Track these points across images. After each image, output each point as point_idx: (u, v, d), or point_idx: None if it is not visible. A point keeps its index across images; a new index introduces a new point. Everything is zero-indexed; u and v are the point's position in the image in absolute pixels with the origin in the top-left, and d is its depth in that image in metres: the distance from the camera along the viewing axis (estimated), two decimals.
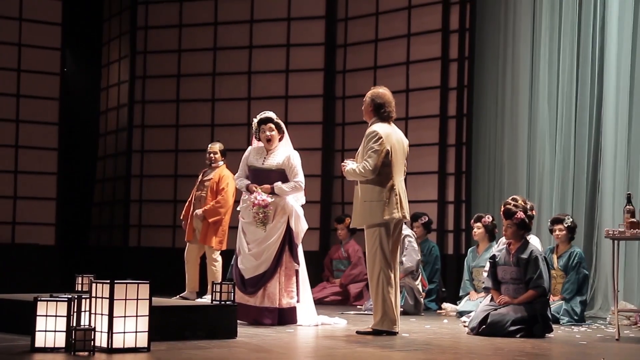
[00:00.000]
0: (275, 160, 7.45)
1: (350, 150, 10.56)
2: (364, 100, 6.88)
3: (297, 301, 7.37)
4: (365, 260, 7.15)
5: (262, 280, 7.28)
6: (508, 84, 10.48)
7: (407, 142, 6.92)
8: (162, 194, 12.55)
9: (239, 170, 7.63)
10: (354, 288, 10.54)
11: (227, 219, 9.32)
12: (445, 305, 9.48)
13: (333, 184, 11.86)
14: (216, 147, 9.53)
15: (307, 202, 7.71)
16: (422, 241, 9.91)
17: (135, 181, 12.75)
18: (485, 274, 7.81)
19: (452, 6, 10.95)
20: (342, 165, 6.78)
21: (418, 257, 9.15)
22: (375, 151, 6.58)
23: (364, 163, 6.59)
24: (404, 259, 8.89)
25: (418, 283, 9.12)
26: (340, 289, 10.63)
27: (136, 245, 12.68)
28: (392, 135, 6.73)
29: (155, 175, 12.67)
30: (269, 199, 7.30)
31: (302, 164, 7.51)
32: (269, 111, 7.60)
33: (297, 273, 7.41)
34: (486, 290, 7.44)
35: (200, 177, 9.59)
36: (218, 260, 9.28)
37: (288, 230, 7.36)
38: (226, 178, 9.31)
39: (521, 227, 7.09)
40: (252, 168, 7.52)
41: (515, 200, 7.20)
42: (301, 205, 7.53)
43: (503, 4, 10.57)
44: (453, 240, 10.75)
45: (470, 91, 10.77)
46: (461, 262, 9.70)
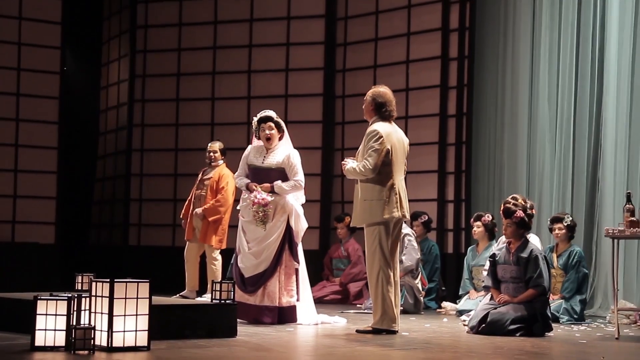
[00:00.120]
0: (275, 159, 7.45)
1: (350, 149, 10.56)
2: (365, 99, 6.87)
3: (297, 300, 7.37)
4: (365, 259, 7.15)
5: (262, 279, 7.28)
6: (508, 83, 10.48)
7: (408, 141, 6.92)
8: (162, 193, 12.54)
9: (239, 169, 7.63)
10: (354, 287, 10.55)
11: (227, 218, 9.31)
12: (445, 304, 9.49)
13: (333, 183, 11.85)
14: (216, 146, 9.52)
15: (307, 201, 7.70)
16: (422, 240, 9.91)
17: (135, 180, 12.75)
18: (485, 273, 7.82)
19: (452, 5, 10.94)
20: (342, 163, 6.78)
21: (418, 256, 9.15)
22: (375, 150, 6.58)
23: (364, 162, 6.60)
24: (404, 258, 8.89)
25: (418, 282, 9.13)
26: (340, 288, 10.63)
27: (136, 244, 12.68)
28: (393, 134, 6.73)
29: (155, 174, 12.66)
30: (269, 198, 7.29)
31: (302, 163, 7.50)
32: (269, 110, 7.60)
33: (297, 272, 7.40)
34: (486, 289, 7.45)
35: (200, 176, 9.58)
36: (218, 259, 9.28)
37: (288, 229, 7.35)
38: (226, 177, 9.31)
39: (521, 226, 7.09)
40: (252, 167, 7.52)
41: (515, 199, 7.20)
42: (301, 204, 7.53)
43: (503, 3, 10.57)
44: (453, 239, 10.75)
45: (470, 90, 10.77)
46: (461, 261, 9.71)
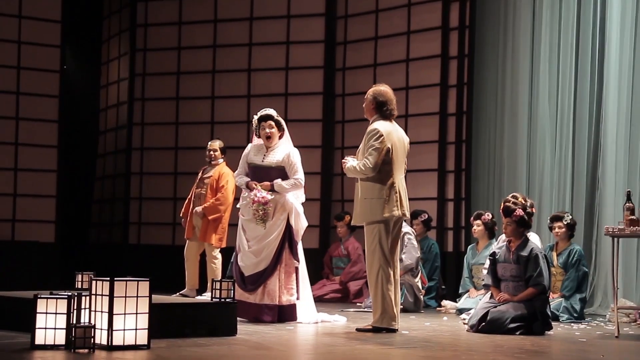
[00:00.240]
0: (275, 157, 7.45)
1: (350, 147, 10.56)
2: (366, 97, 6.87)
3: (297, 298, 7.37)
4: (364, 257, 7.15)
5: (262, 277, 7.28)
6: (508, 82, 10.47)
7: (408, 140, 6.92)
8: (162, 192, 12.54)
9: (239, 167, 7.63)
10: (354, 285, 10.54)
11: (227, 217, 9.31)
12: (444, 302, 9.49)
13: (333, 182, 11.85)
14: (216, 145, 9.51)
15: (307, 200, 7.70)
16: (422, 239, 9.91)
17: (135, 179, 12.75)
18: (485, 272, 7.82)
19: (452, 3, 10.93)
20: (343, 162, 6.78)
21: (417, 255, 9.15)
22: (375, 149, 6.58)
23: (364, 161, 6.60)
24: (404, 257, 8.88)
25: (418, 280, 9.13)
26: (339, 287, 10.63)
27: (136, 242, 12.67)
28: (393, 133, 6.73)
29: (155, 172, 12.66)
30: (269, 196, 7.29)
31: (302, 162, 7.50)
32: (270, 108, 7.60)
33: (297, 270, 7.41)
34: (486, 287, 7.45)
35: (200, 175, 9.58)
36: (218, 257, 9.28)
37: (288, 227, 7.36)
38: (226, 175, 9.30)
39: (520, 225, 7.09)
40: (252, 165, 7.51)
41: (515, 197, 7.20)
42: (301, 202, 7.53)
43: (503, 1, 10.55)
44: (453, 237, 10.75)
45: (470, 89, 10.76)
46: (461, 260, 9.71)
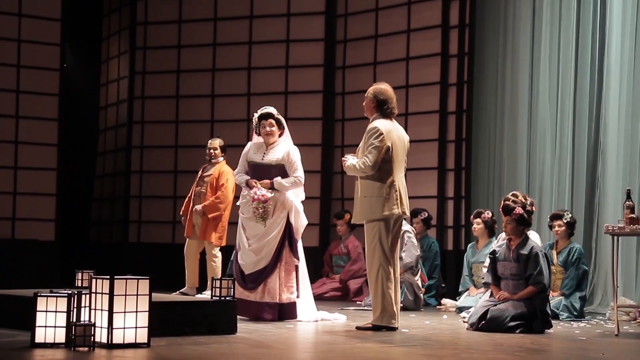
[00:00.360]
0: (275, 155, 7.45)
1: (350, 146, 10.55)
2: (366, 96, 6.86)
3: (297, 296, 7.37)
4: (364, 256, 7.15)
5: (262, 275, 7.28)
6: (508, 80, 10.47)
7: (408, 139, 6.92)
8: (162, 190, 12.54)
9: (239, 165, 7.63)
10: (354, 284, 10.54)
11: (227, 215, 9.31)
12: (444, 300, 9.49)
13: (333, 180, 11.85)
14: (216, 143, 9.51)
15: (307, 198, 7.70)
16: (422, 237, 9.91)
17: (135, 177, 12.75)
18: (485, 270, 7.82)
19: (452, 2, 10.93)
20: (343, 160, 6.78)
21: (417, 253, 9.15)
22: (375, 147, 6.59)
23: (364, 159, 6.60)
24: (403, 255, 8.89)
25: (417, 279, 9.13)
26: (339, 285, 10.63)
27: (136, 241, 12.68)
28: (393, 131, 6.73)
29: (155, 171, 12.66)
30: (269, 194, 7.29)
31: (302, 160, 7.50)
32: (270, 106, 7.60)
33: (297, 268, 7.41)
34: (486, 285, 7.45)
35: (200, 173, 9.58)
36: (218, 256, 9.28)
37: (288, 225, 7.36)
38: (226, 174, 9.30)
39: (520, 223, 7.09)
40: (252, 163, 7.51)
41: (515, 196, 7.20)
42: (301, 201, 7.53)
43: (503, 0, 10.56)
44: (453, 236, 10.75)
45: (470, 87, 10.76)
46: (461, 258, 9.71)
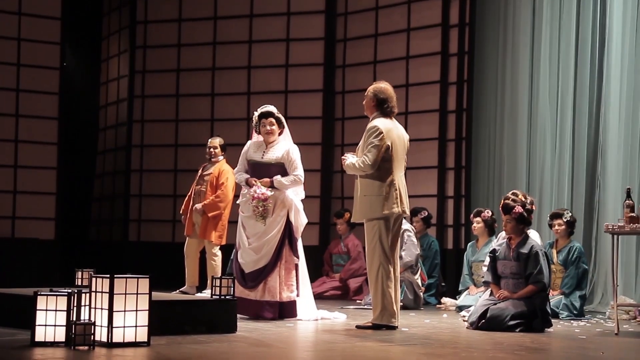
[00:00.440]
0: (274, 154, 7.45)
1: (349, 144, 10.56)
2: (366, 95, 6.86)
3: (297, 295, 7.37)
4: (364, 254, 7.14)
5: (263, 274, 7.28)
6: (508, 79, 10.47)
7: (408, 138, 6.92)
8: (162, 189, 12.54)
9: (239, 164, 7.63)
10: (354, 283, 10.54)
11: (227, 214, 9.31)
12: (444, 299, 9.49)
13: (333, 179, 11.85)
14: (216, 142, 9.51)
15: (307, 197, 7.70)
16: (422, 236, 9.91)
17: (135, 176, 12.75)
18: (484, 269, 7.82)
19: (452, 1, 10.93)
20: (342, 158, 6.78)
21: (417, 252, 9.15)
22: (375, 146, 6.59)
23: (364, 157, 6.60)
24: (403, 254, 8.89)
25: (417, 277, 9.13)
26: (339, 284, 10.63)
27: (136, 239, 12.68)
28: (393, 130, 6.73)
29: (155, 169, 12.66)
30: (269, 193, 7.29)
31: (302, 159, 7.50)
32: (270, 105, 7.60)
33: (297, 267, 7.41)
34: (486, 284, 7.45)
35: (200, 172, 9.58)
36: (218, 254, 9.28)
37: (288, 224, 7.36)
38: (226, 173, 9.30)
39: (520, 222, 7.09)
40: (252, 162, 7.51)
41: (515, 194, 7.19)
42: (301, 199, 7.53)
43: None
44: (452, 234, 10.75)
45: (470, 86, 10.76)
46: (461, 257, 9.71)
